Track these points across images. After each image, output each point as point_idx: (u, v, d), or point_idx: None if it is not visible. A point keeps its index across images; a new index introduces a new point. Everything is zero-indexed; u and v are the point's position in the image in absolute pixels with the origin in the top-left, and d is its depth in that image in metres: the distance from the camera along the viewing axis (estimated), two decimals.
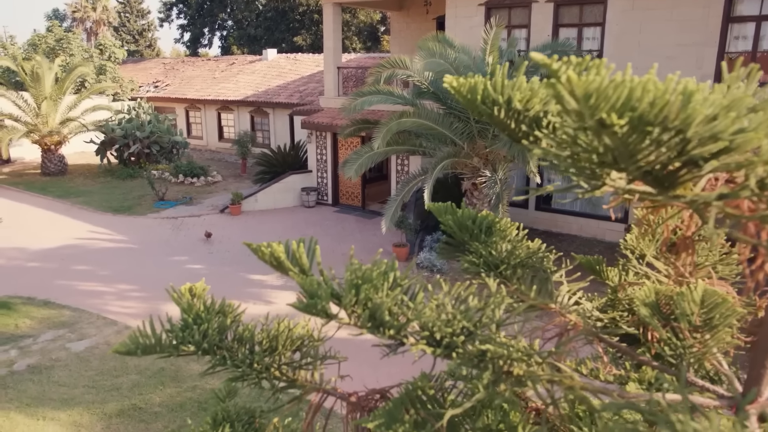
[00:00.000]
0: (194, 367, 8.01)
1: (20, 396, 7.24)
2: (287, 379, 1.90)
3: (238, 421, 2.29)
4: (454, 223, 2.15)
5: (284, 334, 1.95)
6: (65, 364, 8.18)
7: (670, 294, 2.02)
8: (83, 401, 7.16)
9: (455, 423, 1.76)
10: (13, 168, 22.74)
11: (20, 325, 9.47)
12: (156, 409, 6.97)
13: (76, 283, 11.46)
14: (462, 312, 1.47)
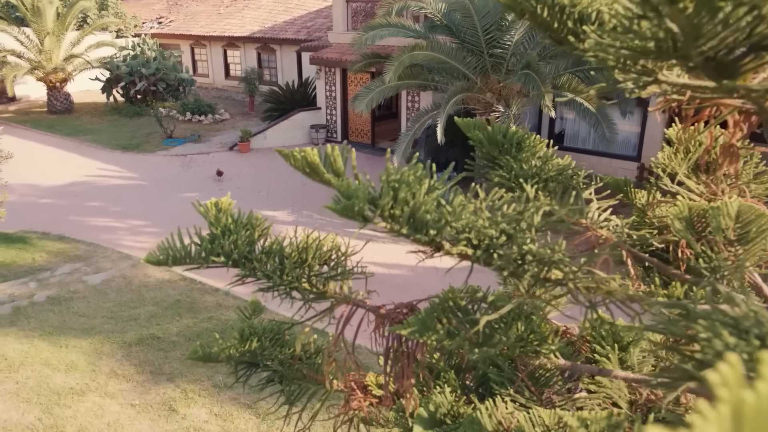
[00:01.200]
0: (209, 299, 8.16)
1: (42, 325, 7.43)
2: (317, 290, 1.90)
3: (264, 336, 2.32)
4: (485, 137, 2.10)
5: (313, 246, 1.94)
6: (83, 295, 8.34)
7: (703, 210, 1.99)
8: (103, 331, 7.34)
9: (486, 334, 1.76)
10: (19, 106, 22.57)
11: (37, 259, 9.62)
12: (174, 338, 7.14)
13: (88, 219, 11.56)
14: (501, 216, 1.44)
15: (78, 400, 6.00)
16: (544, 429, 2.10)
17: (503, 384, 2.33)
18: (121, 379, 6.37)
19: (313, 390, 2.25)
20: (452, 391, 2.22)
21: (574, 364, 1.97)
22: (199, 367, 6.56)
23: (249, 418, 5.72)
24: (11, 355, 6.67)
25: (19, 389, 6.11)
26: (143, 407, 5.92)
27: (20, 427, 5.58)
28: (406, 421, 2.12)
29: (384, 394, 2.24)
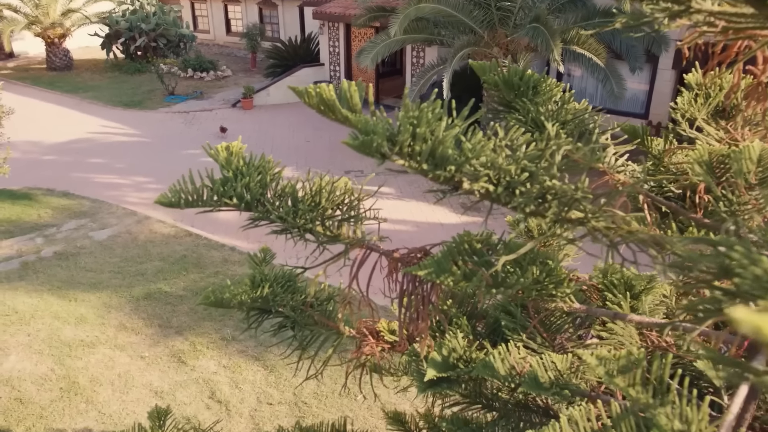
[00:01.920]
0: (215, 254, 8.20)
1: (51, 280, 7.49)
2: (331, 234, 1.88)
3: (276, 282, 2.32)
4: (501, 80, 2.04)
5: (326, 190, 1.91)
6: (90, 251, 8.38)
7: (723, 154, 1.95)
8: (110, 285, 7.40)
9: (502, 276, 1.75)
10: (18, 63, 22.27)
11: (42, 215, 9.64)
12: (181, 293, 7.20)
13: (92, 176, 11.54)
14: (523, 153, 1.41)
15: (89, 351, 6.09)
16: (556, 373, 2.11)
17: (515, 330, 2.33)
18: (130, 332, 6.45)
19: (325, 335, 2.26)
20: (464, 337, 2.22)
21: (590, 308, 1.97)
22: (207, 320, 6.64)
23: (257, 369, 5.81)
24: (22, 309, 6.75)
25: (31, 341, 6.20)
26: (153, 359, 6.01)
27: (34, 376, 5.68)
28: (420, 365, 2.14)
29: (397, 339, 2.25)
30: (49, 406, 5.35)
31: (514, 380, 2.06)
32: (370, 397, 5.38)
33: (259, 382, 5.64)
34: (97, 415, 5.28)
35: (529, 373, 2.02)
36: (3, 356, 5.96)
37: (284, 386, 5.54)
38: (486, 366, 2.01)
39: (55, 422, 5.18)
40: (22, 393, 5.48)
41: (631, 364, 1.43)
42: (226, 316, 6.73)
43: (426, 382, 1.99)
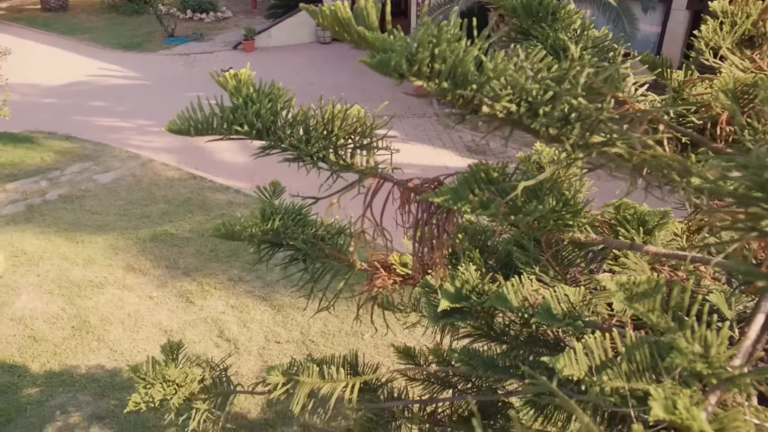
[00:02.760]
0: (220, 197, 8.19)
1: (57, 222, 7.51)
2: (344, 162, 1.85)
3: (287, 215, 2.29)
4: (519, 5, 1.97)
5: (339, 117, 1.86)
6: (95, 194, 8.37)
7: (748, 83, 1.88)
8: (117, 227, 7.43)
9: (519, 206, 1.72)
10: (11, 3, 21.67)
11: (45, 159, 9.59)
12: (187, 234, 7.23)
13: (93, 119, 11.40)
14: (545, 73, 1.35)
15: (98, 292, 6.17)
16: (569, 306, 2.11)
17: (528, 263, 2.32)
18: (138, 273, 6.51)
19: (336, 268, 2.25)
20: (477, 270, 2.22)
21: (606, 239, 1.95)
22: (214, 262, 6.69)
23: (264, 309, 5.89)
24: (30, 250, 6.79)
25: (40, 281, 6.27)
26: (161, 299, 6.09)
27: (46, 315, 5.77)
28: (432, 297, 2.14)
29: (409, 272, 2.25)
30: (62, 343, 5.46)
31: (527, 312, 2.06)
32: (377, 336, 5.47)
33: (267, 321, 5.72)
34: (109, 353, 5.38)
35: (542, 305, 2.02)
36: (15, 296, 6.04)
37: (291, 325, 5.63)
38: (499, 297, 2.01)
39: (68, 359, 5.29)
40: (35, 331, 5.58)
41: (652, 289, 1.41)
42: (233, 257, 6.77)
43: (439, 313, 1.99)
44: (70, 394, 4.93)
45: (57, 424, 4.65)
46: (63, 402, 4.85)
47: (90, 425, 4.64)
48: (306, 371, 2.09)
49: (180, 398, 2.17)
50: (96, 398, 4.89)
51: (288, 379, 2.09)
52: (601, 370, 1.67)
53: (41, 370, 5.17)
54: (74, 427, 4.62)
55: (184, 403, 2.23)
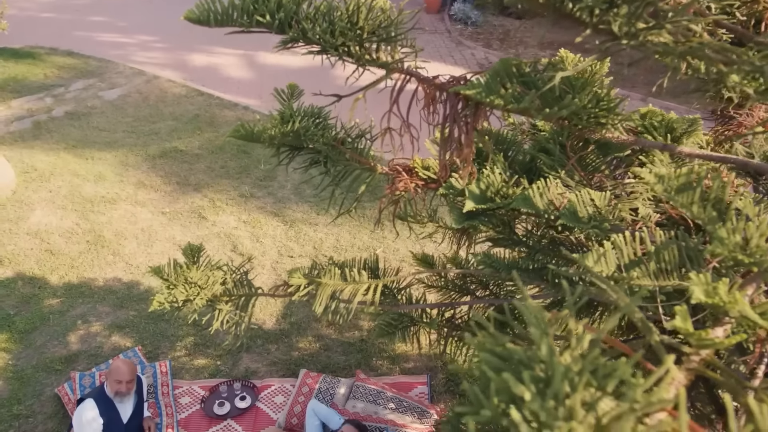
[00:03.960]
0: (228, 113, 8.07)
1: (65, 139, 7.46)
2: (370, 57, 1.77)
3: (307, 117, 2.24)
4: None
5: (364, 9, 1.76)
6: (101, 111, 8.26)
7: None
8: (125, 144, 7.37)
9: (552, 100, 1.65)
10: None
11: (49, 75, 9.40)
12: (196, 151, 7.18)
13: (95, 34, 11.09)
14: None
15: (111, 207, 6.20)
16: (594, 210, 2.08)
17: (553, 168, 2.28)
18: (149, 189, 6.51)
19: (358, 172, 2.22)
20: (501, 173, 2.18)
21: (638, 139, 1.89)
22: (224, 178, 6.67)
23: (277, 225, 5.92)
24: (40, 166, 6.78)
25: (53, 197, 6.30)
26: (173, 215, 6.12)
27: (61, 230, 5.83)
28: (457, 200, 2.12)
29: (431, 176, 2.21)
30: (79, 257, 5.54)
31: (552, 214, 2.04)
32: (389, 251, 5.52)
33: (280, 236, 5.77)
34: (125, 266, 5.47)
35: (568, 207, 1.99)
36: (29, 211, 6.08)
37: (304, 240, 5.68)
38: (525, 199, 1.98)
39: (85, 272, 5.39)
40: (52, 245, 5.65)
41: (692, 182, 1.38)
42: (243, 173, 6.75)
43: (464, 214, 1.97)
44: (89, 305, 5.05)
45: (79, 332, 4.80)
46: (83, 312, 4.98)
47: (111, 334, 4.78)
48: (328, 273, 2.11)
49: (203, 299, 2.20)
50: (115, 309, 5.02)
51: (310, 281, 2.11)
52: (630, 269, 1.66)
53: (60, 282, 5.27)
54: (95, 335, 4.77)
55: (206, 304, 2.26)
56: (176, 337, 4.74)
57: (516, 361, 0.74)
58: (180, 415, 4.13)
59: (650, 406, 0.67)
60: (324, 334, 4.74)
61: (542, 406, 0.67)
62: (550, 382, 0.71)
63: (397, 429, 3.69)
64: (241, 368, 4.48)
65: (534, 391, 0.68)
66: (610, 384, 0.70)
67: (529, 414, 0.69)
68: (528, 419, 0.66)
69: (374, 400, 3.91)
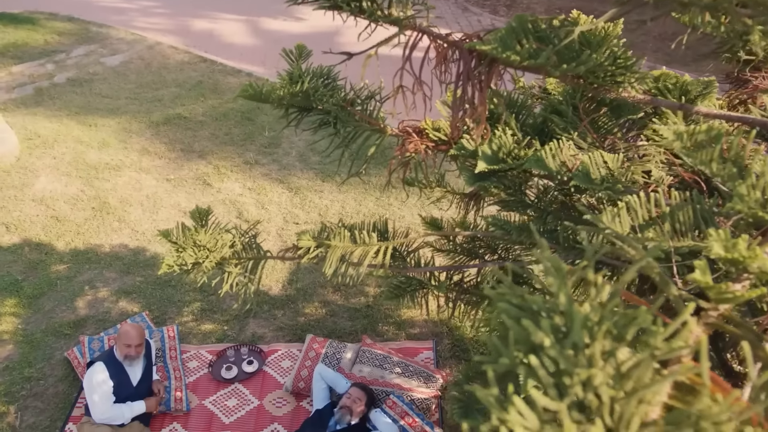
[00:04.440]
0: (232, 80, 7.99)
1: (68, 105, 7.41)
2: (381, 13, 1.73)
3: (316, 77, 2.20)
4: None
5: None
6: (103, 77, 8.18)
7: None
8: (128, 111, 7.32)
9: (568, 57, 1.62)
10: None
11: (49, 41, 9.29)
12: (200, 118, 7.12)
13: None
14: None
15: (115, 174, 6.18)
16: (606, 172, 2.06)
17: (566, 130, 2.25)
18: (154, 156, 6.49)
19: (368, 133, 2.19)
20: (513, 135, 2.15)
21: (654, 99, 1.86)
22: (229, 145, 6.64)
23: (282, 192, 5.91)
24: (44, 133, 6.75)
25: (57, 164, 6.28)
26: (178, 182, 6.11)
27: (66, 197, 5.83)
28: (468, 161, 2.09)
29: (443, 136, 2.18)
30: (84, 223, 5.55)
31: (565, 175, 2.02)
32: (395, 219, 5.52)
33: (285, 203, 5.76)
34: (131, 233, 5.49)
35: (581, 168, 1.97)
36: (33, 177, 6.07)
37: (309, 207, 5.67)
38: (537, 160, 1.96)
39: (92, 238, 5.40)
40: (57, 212, 5.66)
41: (712, 139, 1.35)
42: (248, 140, 6.71)
43: (475, 174, 1.95)
44: (96, 271, 5.07)
45: (86, 297, 4.83)
46: (90, 278, 5.01)
47: (118, 299, 4.81)
48: (338, 236, 2.10)
49: (212, 262, 2.20)
50: (121, 275, 5.04)
51: (319, 244, 2.10)
52: (644, 230, 1.65)
53: (66, 248, 5.29)
54: (103, 300, 4.80)
55: (215, 267, 2.26)
56: (183, 303, 4.77)
57: (535, 311, 0.74)
58: (188, 379, 4.18)
59: (671, 352, 0.66)
60: (330, 299, 4.77)
61: (561, 353, 0.66)
62: (569, 332, 0.70)
63: (403, 392, 3.73)
64: (248, 333, 4.52)
65: (553, 338, 0.67)
66: (629, 332, 0.69)
67: (548, 362, 0.68)
68: (547, 366, 0.65)
69: (380, 364, 3.95)
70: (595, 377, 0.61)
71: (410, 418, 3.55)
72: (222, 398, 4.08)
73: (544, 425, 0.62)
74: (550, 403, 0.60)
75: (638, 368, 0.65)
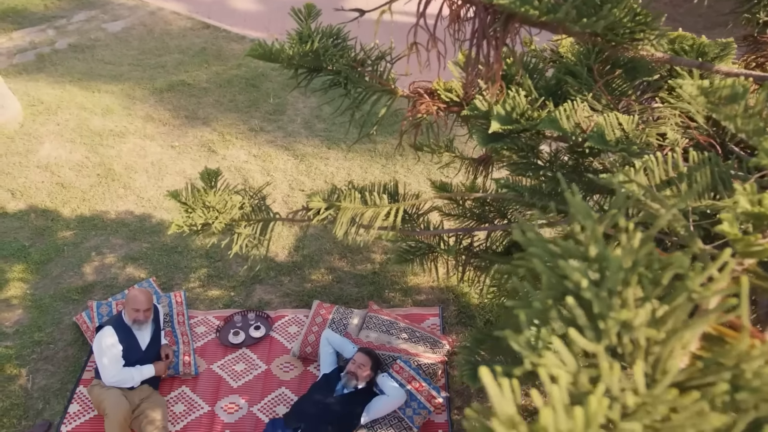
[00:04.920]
0: (236, 47, 7.88)
1: (70, 71, 7.33)
2: None
3: (326, 37, 2.16)
4: None
5: None
6: (105, 43, 8.08)
7: None
8: (132, 77, 7.24)
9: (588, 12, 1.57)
10: None
11: (49, 6, 9.15)
12: (204, 85, 7.05)
13: None
14: None
15: (119, 141, 6.15)
16: (621, 133, 2.03)
17: (580, 91, 2.21)
18: (158, 123, 6.44)
19: (378, 94, 2.16)
20: (526, 96, 2.11)
21: (673, 57, 1.82)
22: (233, 112, 6.58)
23: (287, 159, 5.88)
24: (47, 99, 6.70)
25: (61, 130, 6.24)
26: (183, 149, 6.08)
27: (71, 163, 5.81)
28: (480, 122, 2.06)
29: (455, 97, 2.15)
30: (90, 190, 5.55)
31: (579, 136, 1.99)
32: (401, 186, 5.49)
33: (290, 170, 5.74)
34: (136, 200, 5.48)
35: (596, 129, 1.94)
36: (38, 144, 6.04)
37: (315, 174, 5.65)
38: (552, 120, 1.93)
39: (97, 205, 5.40)
40: (63, 178, 5.65)
41: (737, 94, 1.32)
42: (253, 107, 6.65)
43: (488, 135, 1.93)
44: (102, 237, 5.09)
45: (93, 263, 4.85)
46: (97, 244, 5.02)
47: (125, 265, 4.83)
48: (348, 197, 2.08)
49: (221, 223, 2.19)
50: (128, 241, 5.05)
51: (329, 205, 2.09)
52: (661, 190, 1.62)
53: (72, 215, 5.30)
54: (110, 266, 4.82)
55: (225, 228, 2.25)
56: (189, 269, 4.79)
57: (567, 256, 0.72)
58: (196, 344, 4.22)
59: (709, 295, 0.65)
60: (336, 266, 4.78)
61: (597, 296, 0.65)
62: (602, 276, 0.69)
63: (410, 358, 3.77)
64: (255, 299, 4.54)
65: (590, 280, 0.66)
66: (665, 277, 0.68)
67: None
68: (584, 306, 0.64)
69: (387, 330, 3.98)
70: (634, 319, 0.60)
71: (417, 382, 3.58)
72: (230, 363, 4.12)
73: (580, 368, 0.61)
74: (587, 344, 0.59)
75: (675, 312, 0.64)
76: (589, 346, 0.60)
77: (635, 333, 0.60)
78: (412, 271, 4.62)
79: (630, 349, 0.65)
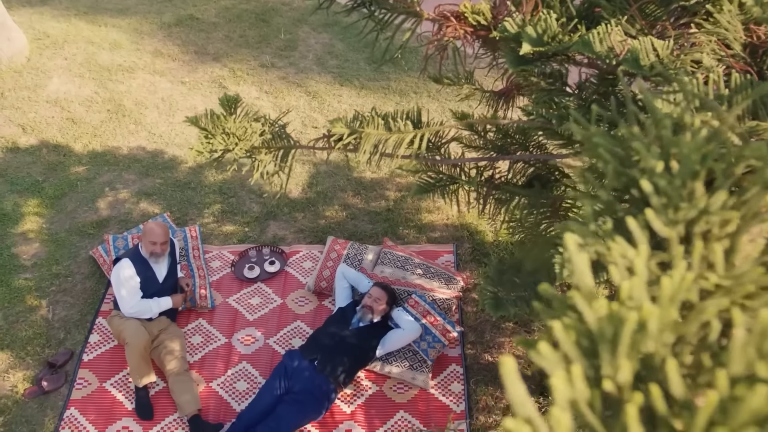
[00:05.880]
0: None
1: (75, 5, 7.15)
2: None
3: None
4: None
5: None
6: None
7: None
8: (139, 11, 7.07)
9: None
10: None
11: None
12: (213, 19, 6.88)
13: None
14: None
15: (129, 76, 6.06)
16: (656, 58, 1.96)
17: (614, 15, 2.13)
18: (167, 58, 6.32)
19: (403, 17, 2.08)
20: (558, 19, 2.03)
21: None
22: (244, 47, 6.44)
23: (300, 95, 5.78)
24: (53, 33, 6.56)
25: (69, 65, 6.14)
26: (193, 84, 5.98)
27: (80, 98, 5.75)
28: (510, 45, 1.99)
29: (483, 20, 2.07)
30: (101, 126, 5.50)
31: (613, 60, 1.92)
32: None
33: (303, 107, 5.65)
34: (148, 135, 5.44)
35: (631, 52, 1.87)
36: (46, 78, 5.96)
37: (328, 111, 5.57)
38: (585, 43, 1.86)
39: (108, 140, 5.37)
40: (73, 114, 5.60)
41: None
42: (263, 43, 6.51)
43: (519, 57, 1.86)
44: (115, 173, 5.08)
45: (107, 199, 4.86)
46: (110, 180, 5.02)
47: (139, 201, 4.84)
48: (372, 123, 2.04)
49: (242, 150, 2.16)
50: (141, 177, 5.04)
51: (352, 131, 2.05)
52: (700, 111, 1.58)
53: (84, 150, 5.27)
54: (124, 202, 4.83)
55: (245, 155, 2.23)
56: (203, 205, 4.79)
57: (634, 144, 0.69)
58: (211, 278, 4.27)
59: None
60: (350, 203, 4.77)
61: (670, 182, 0.62)
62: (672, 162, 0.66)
63: (425, 292, 3.80)
64: (269, 235, 4.56)
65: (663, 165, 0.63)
66: (739, 167, 0.65)
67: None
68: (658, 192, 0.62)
69: (402, 265, 4.00)
70: (712, 204, 0.57)
71: (432, 317, 3.62)
72: (245, 296, 4.18)
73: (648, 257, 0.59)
74: (662, 228, 0.57)
75: (750, 201, 0.61)
76: (663, 230, 0.58)
77: (712, 217, 0.57)
78: (426, 209, 4.61)
79: (700, 246, 0.62)
